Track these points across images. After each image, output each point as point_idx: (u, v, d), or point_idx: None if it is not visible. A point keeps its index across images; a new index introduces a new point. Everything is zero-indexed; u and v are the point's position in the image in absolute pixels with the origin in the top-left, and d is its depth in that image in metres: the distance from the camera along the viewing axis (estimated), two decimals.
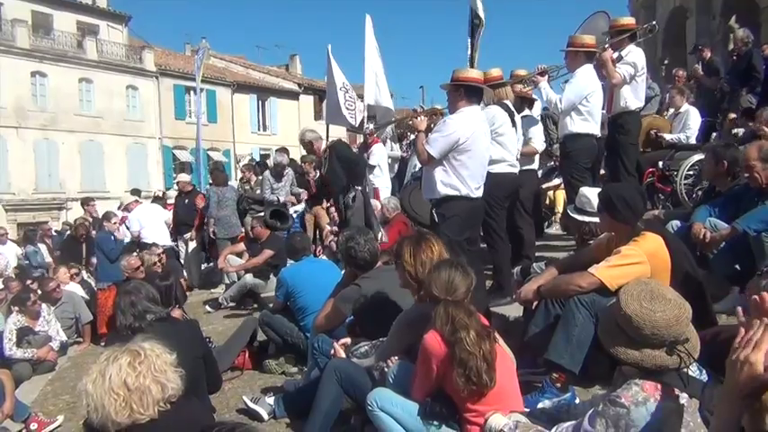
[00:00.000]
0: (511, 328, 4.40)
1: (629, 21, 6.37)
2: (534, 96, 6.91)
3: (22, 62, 28.76)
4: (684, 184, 6.41)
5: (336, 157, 7.40)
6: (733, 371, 1.60)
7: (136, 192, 13.40)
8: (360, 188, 7.62)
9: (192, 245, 10.63)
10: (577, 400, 3.50)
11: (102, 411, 2.46)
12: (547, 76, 6.11)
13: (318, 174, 8.72)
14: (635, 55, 5.98)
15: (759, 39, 9.93)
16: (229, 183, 10.83)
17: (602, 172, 6.91)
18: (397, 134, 11.65)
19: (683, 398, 1.99)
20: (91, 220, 12.62)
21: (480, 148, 4.75)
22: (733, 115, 8.27)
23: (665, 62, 15.19)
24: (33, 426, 5.29)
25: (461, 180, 4.67)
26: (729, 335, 3.08)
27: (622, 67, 5.87)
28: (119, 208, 12.28)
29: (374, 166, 9.59)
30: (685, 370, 2.05)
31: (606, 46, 6.06)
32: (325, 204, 9.00)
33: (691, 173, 6.44)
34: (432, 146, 4.68)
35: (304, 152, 9.86)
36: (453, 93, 4.84)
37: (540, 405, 3.45)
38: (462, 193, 4.68)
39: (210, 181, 10.90)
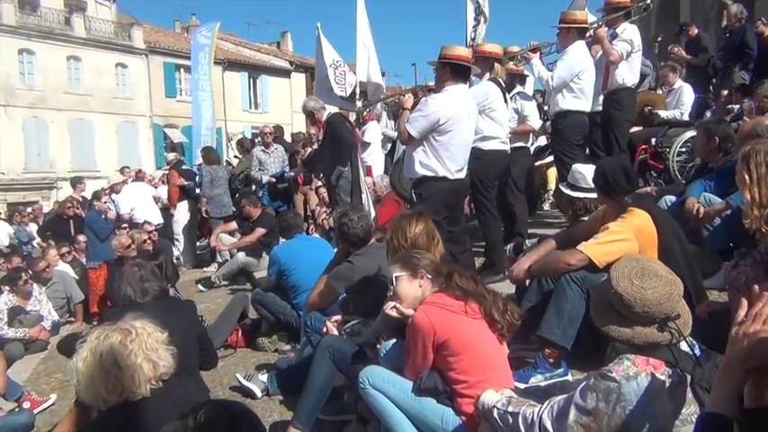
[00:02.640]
0: None
1: None
2: (526, 73, 6.87)
3: (9, 39, 28.42)
4: (677, 161, 6.41)
5: (330, 133, 7.37)
6: (737, 344, 1.60)
7: (125, 170, 13.33)
8: (345, 168, 7.58)
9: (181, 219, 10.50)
10: (570, 376, 3.54)
11: (94, 390, 2.45)
12: (539, 53, 6.07)
13: (310, 150, 8.66)
14: (631, 32, 5.95)
15: (752, 15, 9.85)
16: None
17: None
18: (392, 112, 11.59)
19: (674, 373, 2.00)
20: (81, 199, 12.55)
21: (463, 129, 4.68)
22: (726, 92, 8.25)
23: (659, 39, 15.10)
24: (26, 404, 5.28)
25: (440, 162, 4.62)
26: (722, 310, 3.14)
27: (619, 44, 5.85)
28: (104, 190, 12.20)
29: (368, 144, 9.57)
30: (677, 345, 2.06)
31: (601, 23, 6.02)
32: (315, 183, 8.95)
33: (683, 150, 6.44)
34: (412, 125, 4.61)
35: (296, 130, 9.79)
36: (440, 70, 4.78)
37: (532, 380, 3.49)
38: (440, 175, 4.64)
39: (201, 160, 10.80)
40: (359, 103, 9.37)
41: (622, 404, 1.98)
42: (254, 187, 9.76)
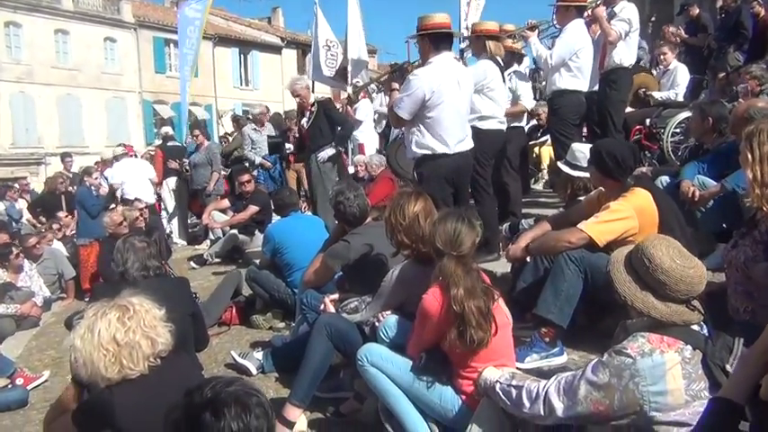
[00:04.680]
0: (498, 285, 4.40)
1: None
2: (524, 52, 6.83)
3: None
4: (671, 142, 6.42)
5: (324, 115, 7.27)
6: None
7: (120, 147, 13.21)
8: (342, 149, 7.56)
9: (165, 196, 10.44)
10: (565, 355, 3.56)
11: (92, 367, 2.43)
12: (537, 32, 6.03)
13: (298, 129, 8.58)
14: (629, 11, 5.91)
15: None
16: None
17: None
18: (384, 90, 11.55)
19: (687, 350, 2.04)
20: (70, 175, 12.44)
21: (453, 99, 4.50)
22: (722, 73, 8.24)
23: (653, 19, 15.03)
24: (19, 381, 5.26)
25: (437, 138, 4.49)
26: (718, 290, 3.16)
27: (617, 23, 5.80)
28: (96, 166, 12.10)
29: (360, 121, 9.54)
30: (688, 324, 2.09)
31: (599, 2, 5.97)
32: (294, 166, 8.90)
33: (677, 131, 6.44)
34: (398, 106, 4.48)
35: (288, 108, 9.71)
36: (421, 43, 4.61)
37: (528, 358, 3.51)
38: (438, 152, 4.51)
39: (191, 138, 10.71)
40: (349, 89, 9.35)
41: (636, 380, 2.01)
42: (246, 164, 9.70)
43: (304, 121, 7.52)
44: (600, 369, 2.08)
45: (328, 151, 7.18)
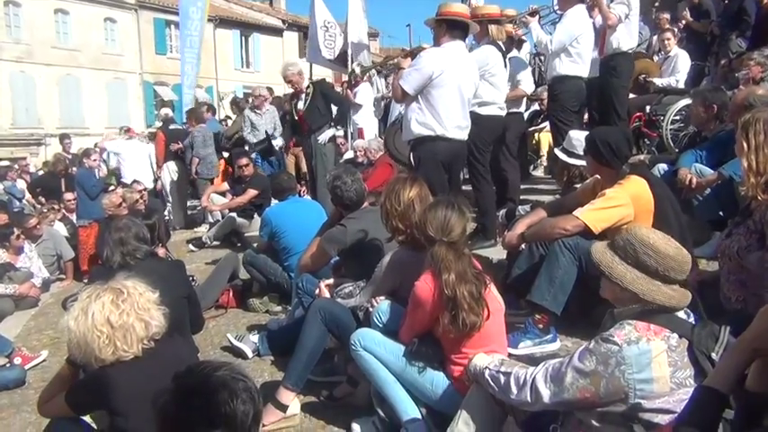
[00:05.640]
0: (494, 271, 4.42)
1: None
2: (525, 38, 6.79)
3: None
4: (671, 130, 6.39)
5: (321, 94, 7.27)
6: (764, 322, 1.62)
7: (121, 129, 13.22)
8: (341, 129, 7.55)
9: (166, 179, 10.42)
10: (558, 342, 3.58)
11: (86, 348, 2.46)
12: (537, 17, 5.99)
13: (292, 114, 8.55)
14: None
15: None
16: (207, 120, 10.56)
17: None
18: (383, 73, 11.54)
19: (674, 338, 2.05)
20: (70, 157, 12.43)
21: (458, 84, 4.62)
22: (724, 60, 8.18)
23: (656, 4, 14.91)
24: (17, 360, 5.29)
25: (437, 118, 4.58)
26: (711, 279, 3.18)
27: (616, 6, 5.76)
28: (95, 148, 12.09)
29: (360, 106, 9.51)
30: (673, 313, 2.10)
31: None
32: (293, 150, 8.87)
33: (677, 118, 6.41)
34: (405, 80, 4.58)
35: (288, 91, 9.64)
36: (437, 28, 4.75)
37: (521, 344, 3.53)
38: (437, 133, 4.60)
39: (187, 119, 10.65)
40: (356, 68, 9.31)
41: (622, 368, 2.02)
42: (246, 147, 9.67)
43: (300, 104, 7.52)
44: (586, 356, 2.09)
45: (328, 132, 7.18)
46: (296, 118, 7.95)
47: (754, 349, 1.62)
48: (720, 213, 4.09)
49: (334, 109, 7.64)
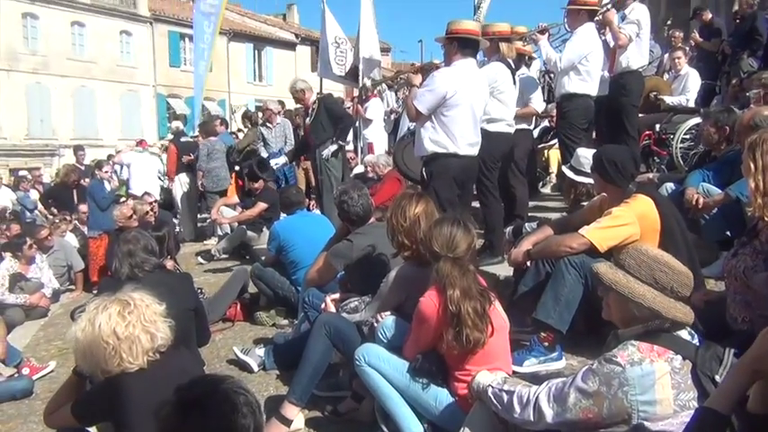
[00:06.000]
0: (501, 288, 4.42)
1: None
2: (534, 55, 6.81)
3: (13, 3, 28.19)
4: (680, 148, 6.38)
5: (325, 109, 7.35)
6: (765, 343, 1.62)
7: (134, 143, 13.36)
8: (344, 144, 7.59)
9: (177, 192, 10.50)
10: (564, 361, 3.57)
11: (92, 359, 2.49)
12: (547, 34, 6.01)
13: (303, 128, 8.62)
14: (638, 12, 5.88)
15: (765, 1, 9.74)
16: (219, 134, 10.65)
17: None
18: (394, 87, 11.59)
19: (677, 360, 2.05)
20: (83, 168, 12.55)
21: (471, 103, 4.65)
22: (735, 79, 8.18)
23: (668, 23, 14.93)
24: (25, 370, 5.33)
25: (450, 137, 4.60)
26: (718, 299, 3.16)
27: (626, 26, 5.78)
28: (109, 160, 12.22)
29: (370, 120, 9.55)
30: (677, 333, 2.10)
31: (610, 6, 5.95)
32: (303, 164, 8.91)
33: (687, 136, 6.40)
34: (419, 101, 4.61)
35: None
36: (448, 46, 4.76)
37: (526, 362, 3.52)
38: (450, 151, 4.62)
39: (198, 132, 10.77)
40: (367, 81, 9.38)
41: (625, 389, 2.02)
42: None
43: (308, 119, 7.61)
44: (589, 377, 2.09)
45: (331, 147, 7.25)
46: (303, 133, 8.05)
47: (754, 371, 1.62)
48: (728, 233, 4.07)
49: None
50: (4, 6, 27.76)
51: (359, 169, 9.04)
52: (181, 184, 10.32)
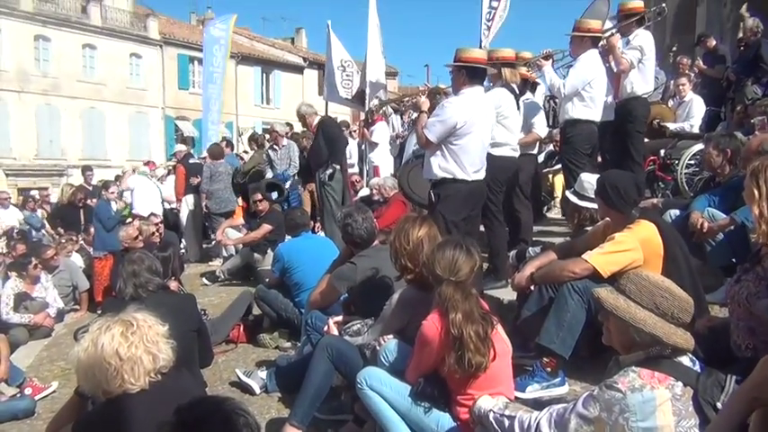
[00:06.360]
0: (504, 312, 4.42)
1: (637, 4, 6.29)
2: (538, 81, 6.86)
3: (26, 26, 28.65)
4: (685, 174, 6.40)
5: (322, 132, 7.45)
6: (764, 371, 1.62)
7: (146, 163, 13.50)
8: (339, 167, 7.66)
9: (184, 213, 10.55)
10: (566, 386, 3.54)
11: (94, 379, 2.48)
12: (551, 61, 6.06)
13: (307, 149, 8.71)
14: (642, 38, 5.93)
15: None
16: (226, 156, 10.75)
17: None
18: (399, 110, 11.66)
19: (678, 386, 2.04)
20: (90, 188, 12.64)
21: (479, 131, 4.71)
22: (740, 106, 8.21)
23: (674, 49, 15.04)
24: (28, 390, 5.33)
25: (459, 165, 4.66)
26: (722, 325, 3.14)
27: (629, 52, 5.83)
28: (116, 181, 12.32)
29: (376, 144, 9.61)
30: (678, 360, 2.09)
31: (614, 31, 6.00)
32: (309, 186, 8.97)
33: (692, 162, 6.42)
34: (429, 130, 4.65)
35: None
36: (456, 73, 4.80)
37: (529, 388, 3.50)
38: (458, 177, 4.67)
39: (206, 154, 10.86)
40: (375, 101, 9.47)
41: (626, 415, 2.01)
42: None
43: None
44: (590, 403, 2.08)
45: (328, 170, 7.33)
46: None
47: (754, 398, 1.61)
48: (733, 260, 4.06)
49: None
50: (16, 29, 28.22)
51: (364, 192, 9.08)
52: (187, 205, 10.38)
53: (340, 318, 3.89)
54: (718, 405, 1.94)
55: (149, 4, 36.29)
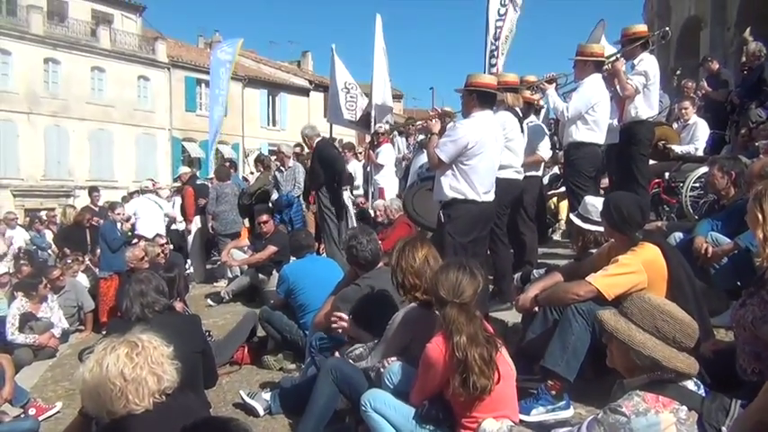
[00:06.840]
0: (509, 334, 4.41)
1: (641, 28, 6.34)
2: (542, 104, 6.90)
3: (36, 48, 29.06)
4: (690, 197, 6.39)
5: (317, 155, 7.51)
6: None
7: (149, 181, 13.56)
8: (340, 190, 7.74)
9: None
10: (571, 409, 3.53)
11: (98, 400, 2.49)
12: (555, 84, 6.11)
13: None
14: (646, 63, 5.96)
15: None
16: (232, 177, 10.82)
17: (605, 182, 6.91)
18: (405, 132, 11.72)
19: (683, 410, 2.03)
20: (97, 209, 12.71)
21: (490, 152, 4.77)
22: (744, 129, 8.23)
23: (678, 72, 15.11)
24: (32, 411, 5.33)
25: (470, 185, 4.70)
26: (727, 349, 3.13)
27: (634, 77, 5.86)
28: (122, 202, 12.40)
29: (382, 166, 9.66)
30: (683, 383, 2.08)
31: (618, 56, 6.05)
32: (313, 207, 9.02)
33: (697, 185, 6.42)
34: (441, 150, 4.71)
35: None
36: (467, 97, 4.87)
37: (534, 411, 3.48)
38: (469, 198, 4.70)
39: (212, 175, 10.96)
40: (385, 126, 9.55)
41: None
42: (270, 204, 9.82)
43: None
44: (595, 427, 2.08)
45: (326, 192, 7.40)
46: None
47: (759, 422, 1.61)
48: (738, 283, 4.05)
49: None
50: (27, 52, 28.62)
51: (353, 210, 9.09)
52: (197, 227, 10.44)
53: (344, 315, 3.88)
54: (723, 429, 1.93)
55: (158, 28, 36.80)
